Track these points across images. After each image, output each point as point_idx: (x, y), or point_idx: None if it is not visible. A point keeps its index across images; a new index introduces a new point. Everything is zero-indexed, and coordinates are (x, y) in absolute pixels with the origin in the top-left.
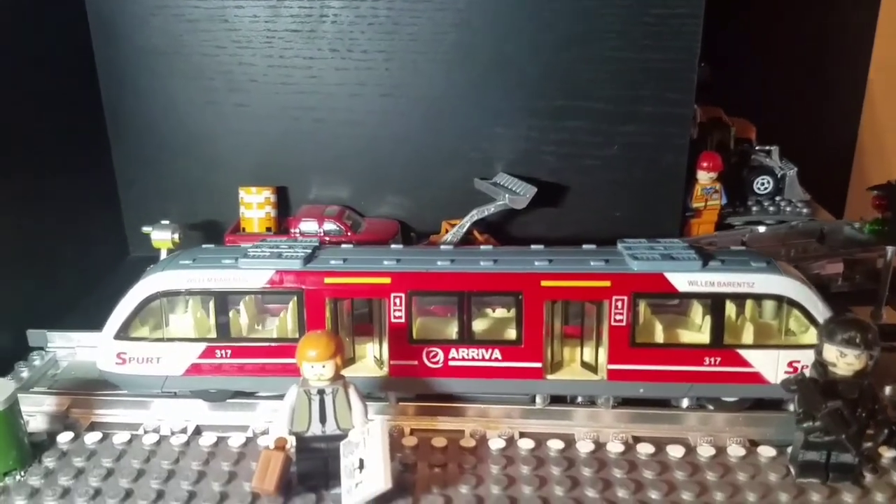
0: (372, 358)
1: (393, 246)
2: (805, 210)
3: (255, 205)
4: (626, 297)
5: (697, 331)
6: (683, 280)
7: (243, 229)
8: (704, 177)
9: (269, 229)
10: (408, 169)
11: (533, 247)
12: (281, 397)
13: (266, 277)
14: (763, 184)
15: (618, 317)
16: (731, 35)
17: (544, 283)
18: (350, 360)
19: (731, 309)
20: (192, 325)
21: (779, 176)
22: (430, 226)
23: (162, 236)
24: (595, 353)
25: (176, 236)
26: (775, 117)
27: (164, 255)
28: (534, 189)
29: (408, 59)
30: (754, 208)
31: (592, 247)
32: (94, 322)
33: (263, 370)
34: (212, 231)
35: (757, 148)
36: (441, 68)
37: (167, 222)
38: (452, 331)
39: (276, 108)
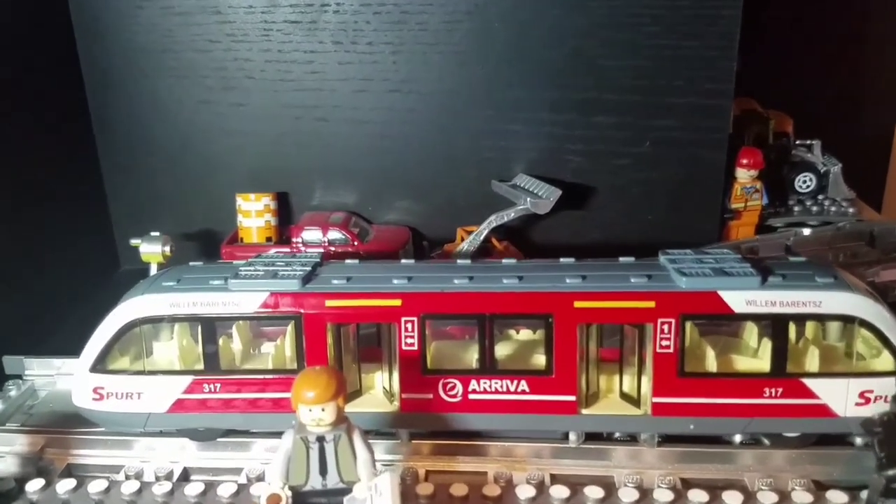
0: (381, 389)
1: (403, 261)
2: (851, 210)
3: (253, 213)
4: (673, 320)
5: (754, 357)
6: (740, 299)
7: (241, 239)
8: (744, 175)
9: (269, 239)
10: (419, 171)
11: (562, 260)
12: (278, 435)
13: (259, 300)
14: (805, 181)
15: (664, 342)
16: (760, 18)
17: (578, 304)
18: (356, 393)
19: (792, 331)
20: (177, 355)
21: (822, 172)
22: (444, 233)
23: (152, 249)
24: (637, 383)
25: (167, 249)
26: (807, 108)
27: (153, 269)
28: (558, 192)
29: (417, 51)
30: (796, 208)
31: (631, 259)
32: (79, 344)
33: (257, 405)
34: (208, 242)
35: (797, 142)
36: (454, 60)
37: (157, 234)
38: (472, 359)
39: (275, 106)
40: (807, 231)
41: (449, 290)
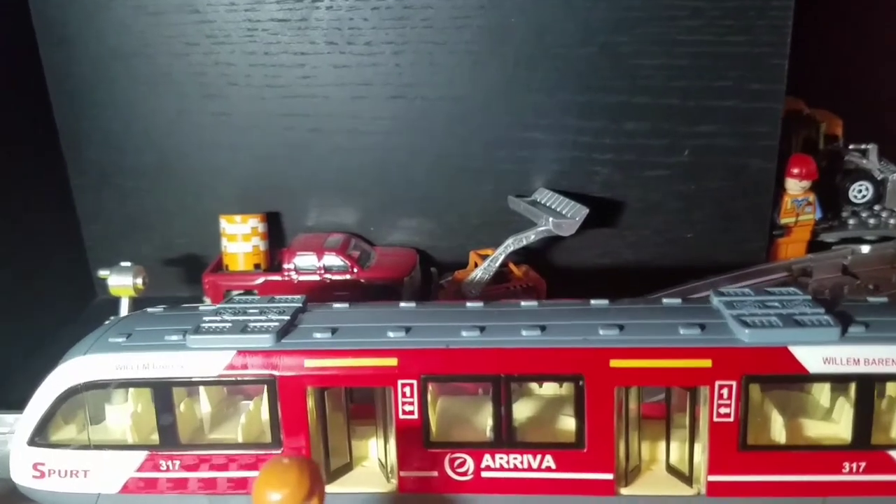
0: (376, 461)
1: (402, 306)
2: None
3: (239, 237)
4: (734, 383)
5: (827, 420)
6: (816, 357)
7: (226, 267)
8: (795, 186)
9: (257, 266)
10: (426, 187)
11: (594, 303)
12: None
13: (224, 361)
14: (861, 191)
15: (723, 409)
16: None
17: (615, 364)
18: (345, 467)
19: (878, 393)
20: (129, 425)
21: (879, 180)
22: (455, 256)
23: (121, 282)
24: (688, 455)
25: (139, 281)
26: (855, 108)
27: (124, 305)
28: (584, 210)
29: (423, 52)
30: (851, 221)
31: (677, 302)
32: None
33: (225, 486)
34: (191, 269)
35: (850, 147)
36: (465, 61)
37: (128, 264)
38: (485, 427)
39: (263, 116)
40: (865, 248)
41: (455, 345)
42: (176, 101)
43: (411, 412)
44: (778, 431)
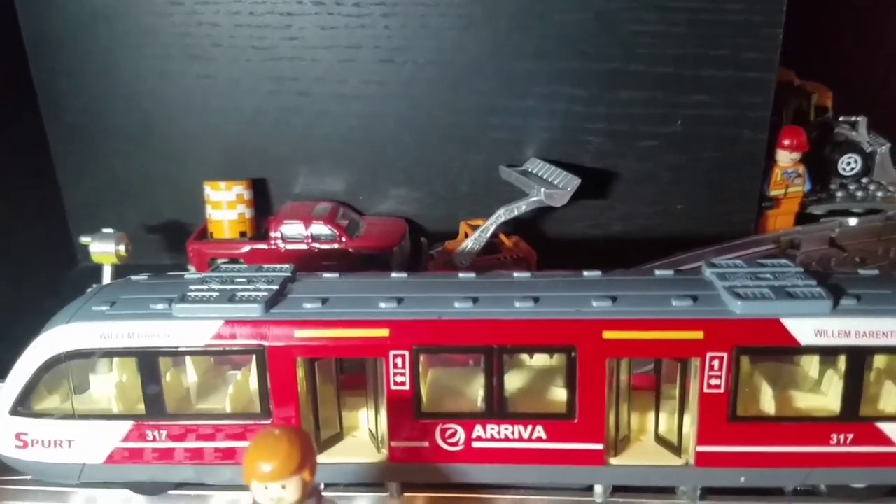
0: (366, 431)
1: (393, 276)
2: None
3: (224, 204)
4: (725, 355)
5: (815, 392)
6: (808, 329)
7: (211, 235)
8: (786, 158)
9: (243, 234)
10: (416, 155)
11: (586, 274)
12: (241, 489)
13: (211, 331)
14: (850, 163)
15: (713, 381)
16: None
17: (607, 335)
18: (335, 437)
19: (868, 366)
20: (114, 395)
21: (867, 153)
22: (445, 226)
23: (103, 248)
24: (677, 426)
25: (122, 248)
26: (844, 79)
27: (107, 272)
28: (576, 180)
29: (414, 14)
30: (839, 194)
31: (669, 273)
32: None
33: (213, 456)
34: (175, 236)
35: (841, 119)
36: (457, 25)
37: (110, 230)
38: (477, 398)
39: (249, 79)
40: (853, 221)
41: (448, 316)
42: (159, 63)
43: (403, 383)
44: (767, 403)
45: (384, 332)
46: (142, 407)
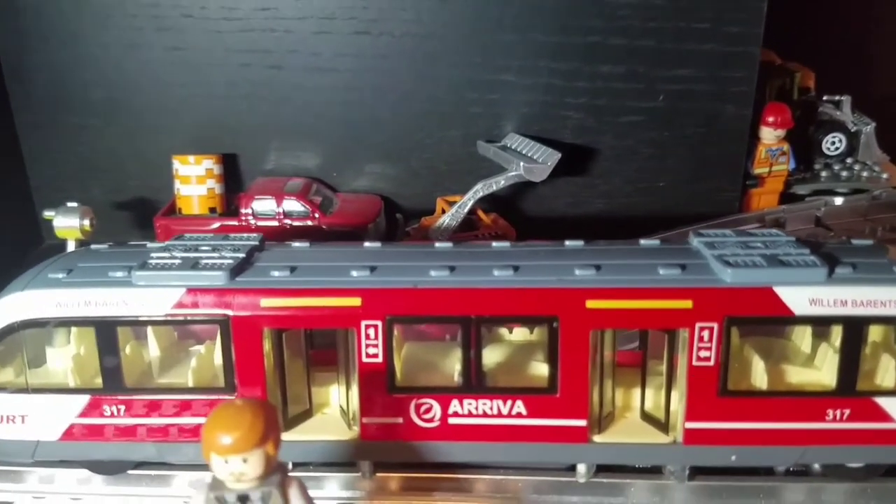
0: (337, 408)
1: (366, 245)
2: (884, 176)
3: (193, 178)
4: (715, 325)
5: (808, 366)
6: (802, 298)
7: (179, 210)
8: (770, 135)
9: (212, 210)
10: (392, 129)
11: (568, 244)
12: (206, 468)
13: (172, 299)
14: (834, 143)
15: (702, 353)
16: None
17: (591, 304)
18: (304, 414)
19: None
20: (71, 368)
21: (852, 133)
22: (422, 203)
23: (67, 223)
24: (664, 402)
25: (86, 222)
26: (825, 61)
27: (71, 248)
28: (556, 154)
29: None
30: (823, 174)
31: (655, 242)
32: None
33: (176, 432)
34: (143, 212)
35: (825, 98)
36: None
37: (75, 204)
38: (453, 372)
39: (219, 51)
40: (839, 200)
41: (423, 285)
42: (126, 34)
43: (375, 355)
44: (759, 377)
45: (356, 301)
46: (99, 380)
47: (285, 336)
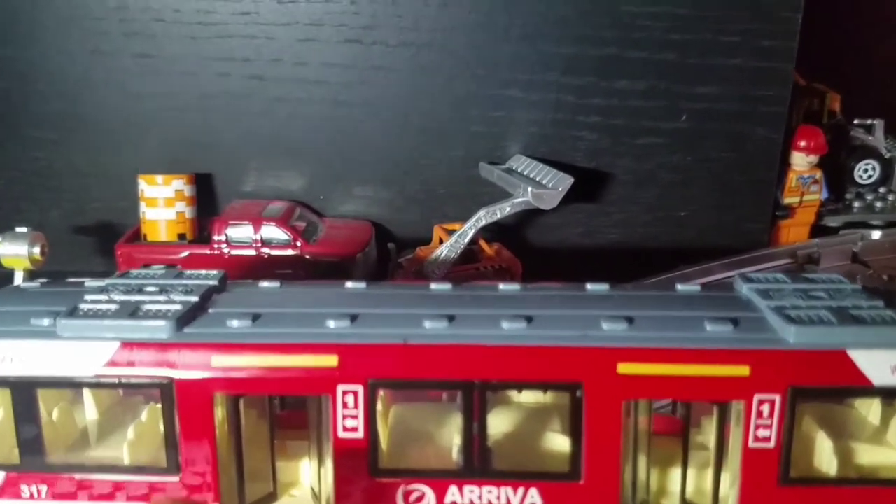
0: (308, 490)
1: (348, 286)
2: None
3: (161, 201)
4: (777, 397)
5: (886, 447)
6: (883, 364)
7: (144, 237)
8: (802, 161)
9: (181, 236)
10: (385, 149)
11: (591, 287)
12: None
13: (104, 356)
14: (867, 170)
15: (761, 432)
16: None
17: (623, 369)
18: (268, 498)
19: None
20: None
21: (886, 159)
22: (417, 231)
23: (14, 251)
24: (712, 488)
25: (36, 250)
26: (846, 83)
27: (18, 279)
28: (568, 179)
29: None
30: (856, 204)
31: (695, 289)
32: None
33: None
34: (106, 238)
35: (855, 122)
36: (430, 1)
37: (24, 230)
38: (451, 449)
39: (194, 59)
40: (876, 234)
41: (415, 339)
42: (91, 39)
43: (354, 428)
44: (826, 460)
45: (331, 361)
46: (17, 454)
47: (243, 403)
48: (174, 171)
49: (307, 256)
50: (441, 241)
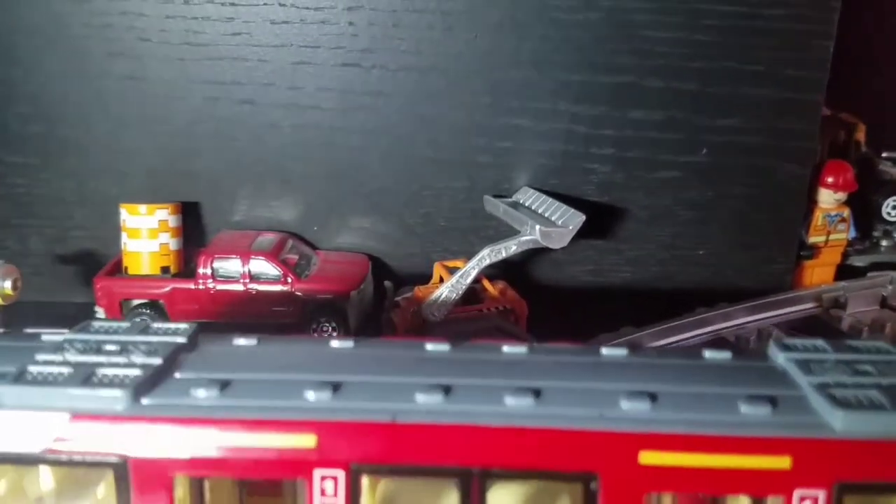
0: None
1: (334, 345)
2: None
3: (144, 231)
4: (821, 494)
5: None
6: None
7: (125, 269)
8: (829, 198)
9: (165, 269)
10: (383, 179)
11: (606, 351)
12: None
13: (52, 430)
14: None
15: None
16: None
17: (646, 459)
18: None
19: None
20: None
21: None
22: (417, 265)
23: None
24: None
25: (8, 284)
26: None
27: None
28: (580, 217)
29: (384, 9)
30: (883, 242)
31: (725, 356)
32: None
33: None
34: (89, 268)
35: (884, 155)
36: (436, 23)
37: None
38: None
39: (182, 82)
40: None
41: (405, 416)
42: (73, 59)
43: None
44: None
45: (308, 441)
46: None
47: (208, 486)
48: (159, 199)
49: (298, 293)
50: (441, 280)
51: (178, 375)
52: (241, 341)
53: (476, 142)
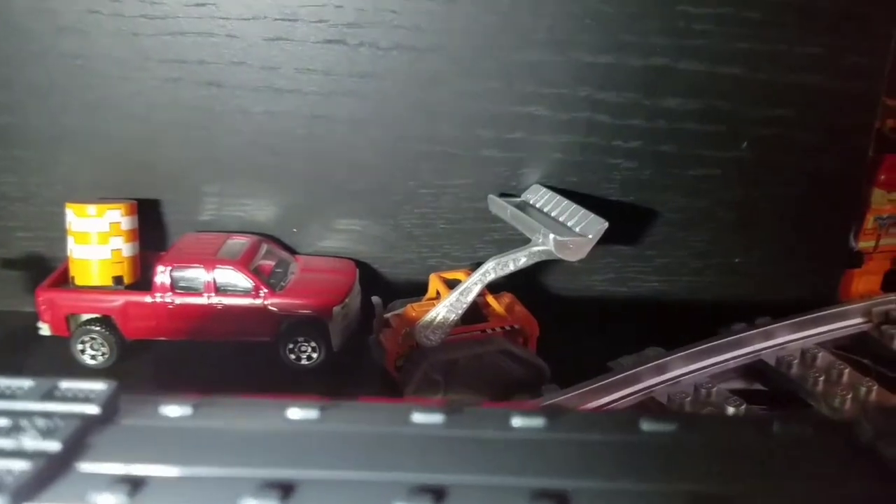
0: None
1: (292, 416)
2: None
3: (93, 236)
4: None
5: None
6: None
7: (72, 279)
8: (882, 199)
9: (118, 280)
10: (374, 174)
11: (646, 426)
12: None
13: None
14: None
15: None
16: None
17: None
18: None
19: None
20: None
21: None
22: (412, 272)
23: None
24: None
25: None
26: None
27: None
28: (602, 224)
29: None
30: None
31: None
32: None
33: None
34: (35, 273)
35: None
36: None
37: None
38: None
39: (137, 61)
40: None
41: None
42: (13, 37)
43: None
44: None
45: None
46: None
47: None
48: (113, 195)
49: (272, 308)
50: (438, 294)
51: (80, 468)
52: (171, 410)
53: (482, 133)
